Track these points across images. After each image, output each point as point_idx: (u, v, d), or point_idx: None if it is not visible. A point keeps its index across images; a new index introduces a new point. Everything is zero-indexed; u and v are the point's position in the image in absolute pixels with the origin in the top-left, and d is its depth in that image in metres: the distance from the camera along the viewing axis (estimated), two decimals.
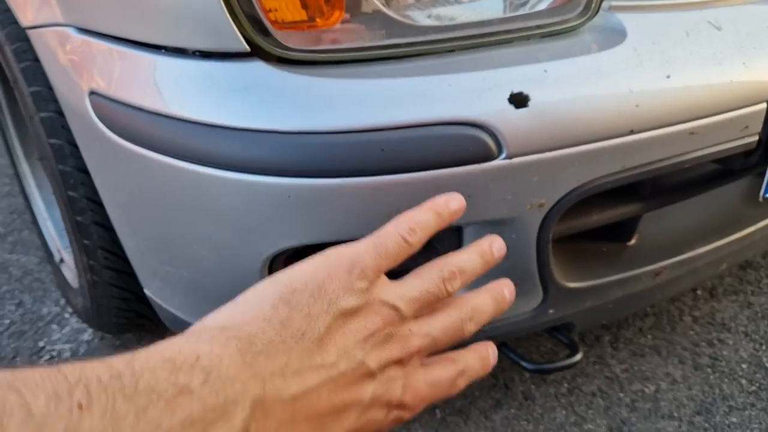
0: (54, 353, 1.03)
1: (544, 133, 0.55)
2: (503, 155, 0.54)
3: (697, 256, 0.77)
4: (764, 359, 0.94)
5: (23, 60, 0.76)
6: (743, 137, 0.65)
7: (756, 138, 0.66)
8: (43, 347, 1.05)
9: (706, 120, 0.61)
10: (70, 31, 0.65)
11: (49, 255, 1.14)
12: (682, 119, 0.60)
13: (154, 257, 0.70)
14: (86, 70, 0.63)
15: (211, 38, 0.55)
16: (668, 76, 0.59)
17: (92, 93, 0.63)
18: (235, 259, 0.60)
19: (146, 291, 0.78)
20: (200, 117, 0.55)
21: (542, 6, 0.60)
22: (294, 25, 0.55)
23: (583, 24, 0.61)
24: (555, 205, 0.59)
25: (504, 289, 0.48)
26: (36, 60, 0.75)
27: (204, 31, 0.55)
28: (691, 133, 0.60)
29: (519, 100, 0.54)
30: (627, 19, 0.62)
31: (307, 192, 0.54)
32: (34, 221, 1.18)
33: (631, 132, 0.57)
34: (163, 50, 0.57)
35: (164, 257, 0.68)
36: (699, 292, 1.07)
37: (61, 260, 1.10)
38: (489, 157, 0.54)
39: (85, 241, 0.81)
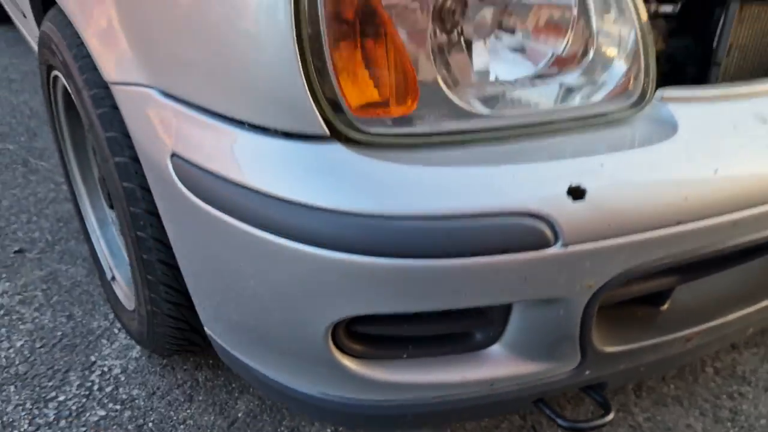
0: (105, 369, 1.09)
1: (598, 224, 0.59)
2: (559, 243, 0.58)
3: (727, 323, 0.81)
4: None
5: (101, 106, 0.81)
6: None
7: None
8: (94, 362, 1.10)
9: (749, 211, 0.65)
10: (155, 94, 0.69)
11: (100, 271, 1.20)
12: (726, 210, 0.64)
13: (221, 306, 0.75)
14: (168, 133, 0.68)
15: (294, 121, 0.59)
16: (716, 171, 0.63)
17: (174, 155, 0.67)
18: (302, 321, 0.65)
19: (207, 330, 0.83)
20: (279, 192, 0.60)
21: (599, 96, 0.64)
22: (370, 111, 0.60)
23: (635, 113, 0.65)
24: (603, 286, 0.63)
25: None
26: (114, 107, 0.80)
27: (288, 114, 0.59)
28: (734, 224, 0.64)
29: (576, 193, 0.58)
30: (678, 110, 0.65)
31: (374, 269, 0.59)
32: (87, 237, 1.23)
33: (678, 223, 0.62)
34: (247, 126, 0.62)
35: (231, 308, 0.73)
36: None
37: (113, 278, 1.15)
38: (546, 245, 0.58)
39: (149, 277, 0.86)
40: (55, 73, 1.04)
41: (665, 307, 0.82)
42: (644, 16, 0.62)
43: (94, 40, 0.78)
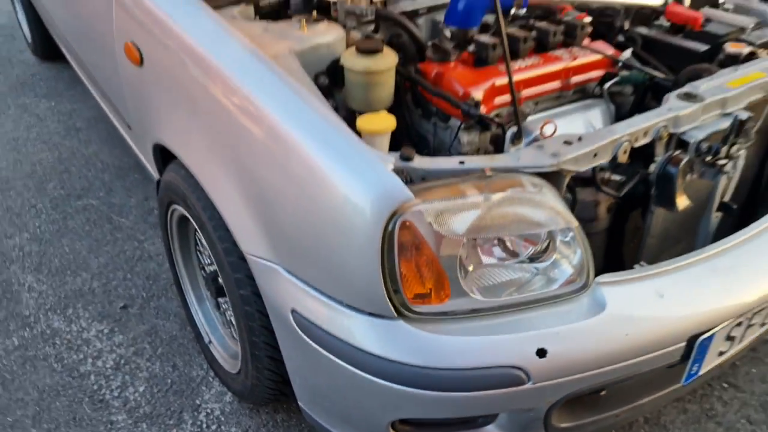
0: (208, 410, 1.51)
1: (554, 370, 1.00)
2: (530, 382, 0.99)
3: (642, 404, 1.23)
4: None
5: (236, 271, 1.20)
6: (673, 357, 1.10)
7: (680, 356, 1.11)
8: (199, 405, 1.52)
9: (646, 356, 1.06)
10: (281, 270, 1.09)
11: (197, 334, 1.61)
12: (632, 357, 1.05)
13: (316, 396, 1.16)
14: (290, 297, 1.08)
15: (375, 307, 0.99)
16: (627, 334, 1.03)
17: (293, 311, 1.08)
18: (374, 418, 1.07)
19: (300, 403, 1.24)
20: (364, 347, 1.00)
21: (556, 285, 1.04)
22: (421, 301, 1.00)
23: (579, 294, 1.05)
24: (557, 401, 1.04)
25: None
26: (248, 273, 1.18)
27: (372, 303, 0.99)
28: (636, 364, 1.05)
29: (541, 353, 0.99)
30: (608, 292, 1.06)
31: (417, 395, 1.00)
32: (185, 306, 1.63)
33: (601, 366, 1.03)
34: (344, 305, 1.02)
35: (325, 400, 1.14)
36: None
37: (210, 342, 1.56)
38: (523, 383, 0.99)
39: (256, 352, 1.26)
40: (175, 207, 1.43)
41: (603, 393, 1.23)
42: (588, 247, 1.02)
43: (232, 214, 1.17)
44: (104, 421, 1.49)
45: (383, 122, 1.12)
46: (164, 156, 1.48)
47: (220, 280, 1.38)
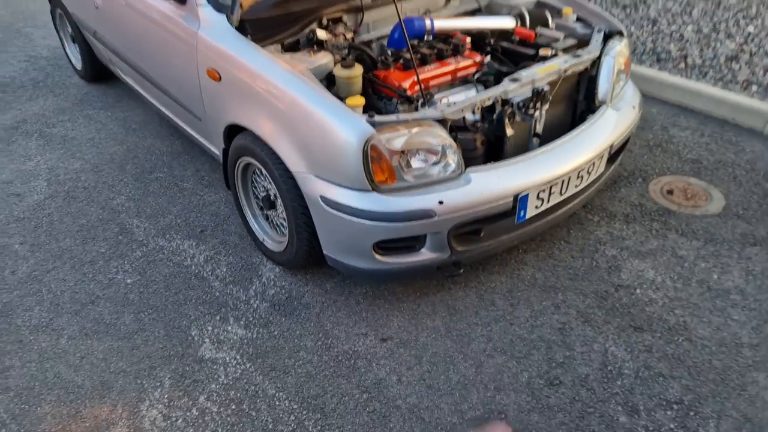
0: (267, 275, 2.60)
1: (447, 210, 2.13)
2: (436, 217, 2.12)
3: (502, 239, 2.37)
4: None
5: (286, 183, 2.31)
6: (507, 206, 2.24)
7: (511, 205, 2.25)
8: (261, 273, 2.61)
9: (495, 203, 2.20)
10: (312, 176, 2.20)
11: (253, 238, 2.70)
12: (488, 202, 2.19)
13: (331, 239, 2.27)
14: (318, 189, 2.19)
15: (362, 186, 2.11)
16: (481, 194, 2.17)
17: (321, 196, 2.19)
18: (362, 243, 2.19)
19: (324, 251, 2.35)
20: (357, 205, 2.12)
21: (447, 173, 2.17)
22: (383, 182, 2.12)
23: (459, 176, 2.18)
24: (452, 227, 2.17)
25: None
26: (294, 183, 2.29)
27: (359, 185, 2.11)
28: (490, 208, 2.20)
29: (440, 202, 2.12)
30: (472, 175, 2.19)
31: (379, 226, 2.12)
32: (245, 222, 2.72)
33: (464, 209, 2.16)
34: (344, 186, 2.14)
35: (336, 239, 2.25)
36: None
37: (263, 240, 2.66)
38: (433, 216, 2.12)
39: (299, 230, 2.36)
40: (244, 160, 2.52)
41: (481, 235, 2.36)
42: (461, 155, 2.16)
43: (284, 153, 2.27)
44: (206, 287, 2.57)
45: (358, 101, 2.23)
46: (230, 133, 2.58)
47: (271, 197, 2.49)
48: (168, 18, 2.73)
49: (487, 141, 2.38)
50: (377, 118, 2.12)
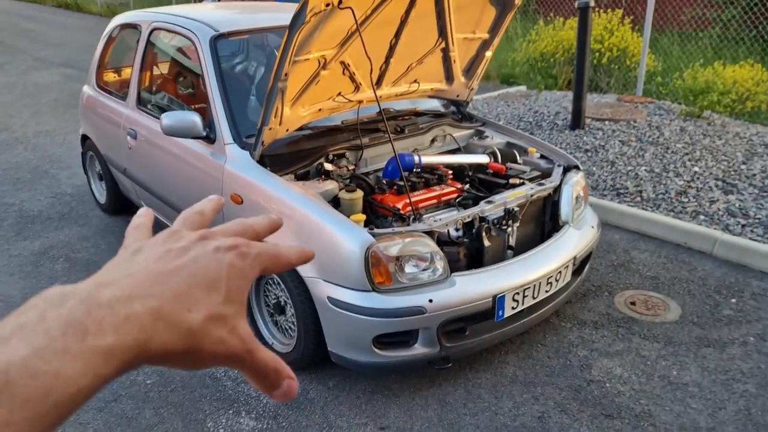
0: None
1: (436, 308, 2.50)
2: (427, 313, 2.48)
3: (483, 337, 2.71)
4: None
5: (298, 289, 2.69)
6: (487, 305, 2.62)
7: (491, 305, 2.63)
8: None
9: (477, 302, 2.57)
10: (320, 280, 2.58)
11: (263, 342, 3.02)
12: (471, 302, 2.56)
13: (335, 337, 2.60)
14: (325, 291, 2.56)
15: (364, 287, 2.49)
16: (465, 295, 2.56)
17: (328, 297, 2.56)
18: (364, 337, 2.52)
19: (329, 348, 2.67)
20: (359, 304, 2.49)
21: (435, 276, 2.57)
22: (381, 284, 2.51)
23: (445, 279, 2.58)
24: (440, 323, 2.53)
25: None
26: (303, 285, 2.67)
27: (361, 285, 2.49)
28: (472, 306, 2.57)
29: (430, 301, 2.49)
30: (457, 279, 2.59)
31: (382, 321, 2.47)
32: (256, 329, 3.05)
33: (456, 306, 2.53)
34: (350, 288, 2.51)
35: (340, 339, 2.59)
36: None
37: (272, 342, 2.97)
38: (424, 313, 2.48)
39: (306, 329, 2.70)
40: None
41: (466, 333, 2.71)
42: (446, 262, 2.58)
43: None
44: (219, 386, 2.83)
45: (360, 217, 2.68)
46: None
47: (282, 303, 2.84)
48: (197, 154, 3.24)
49: (468, 253, 2.80)
50: (376, 230, 2.55)
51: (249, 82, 3.85)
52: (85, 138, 4.73)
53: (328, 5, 2.50)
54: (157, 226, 0.47)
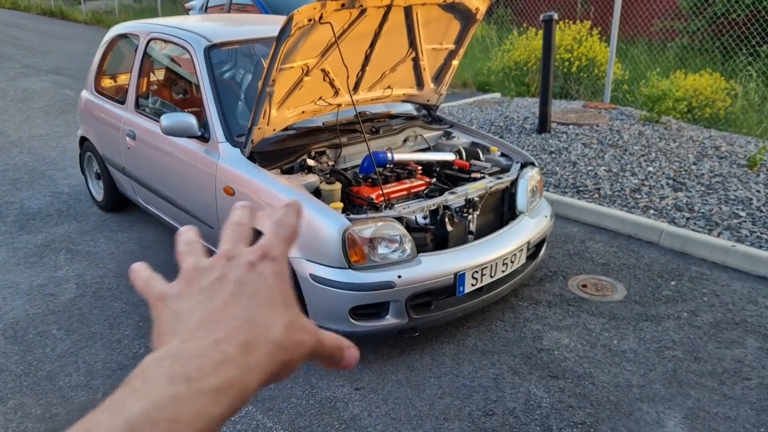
0: None
1: (403, 283, 2.88)
2: (396, 287, 2.86)
3: (447, 311, 3.09)
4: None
5: None
6: (449, 281, 3.00)
7: (452, 281, 3.01)
8: None
9: (439, 279, 2.96)
10: (303, 259, 2.95)
11: None
12: (434, 278, 2.94)
13: (318, 309, 2.97)
14: (308, 269, 2.93)
15: (342, 265, 2.86)
16: (430, 272, 2.94)
17: (311, 274, 2.92)
18: (340, 308, 2.89)
19: (310, 318, 3.03)
20: (337, 279, 2.86)
21: (404, 256, 2.95)
22: (356, 262, 2.88)
23: (412, 259, 2.96)
24: (408, 296, 2.91)
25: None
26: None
27: (339, 263, 2.87)
28: (436, 282, 2.95)
29: (398, 277, 2.87)
30: (423, 258, 2.97)
31: (356, 294, 2.84)
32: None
33: (421, 282, 2.91)
34: (329, 266, 2.89)
35: (321, 311, 2.96)
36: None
37: None
38: (393, 287, 2.86)
39: None
40: None
41: (432, 307, 3.08)
42: (413, 243, 2.96)
43: None
44: None
45: (338, 205, 3.05)
46: None
47: None
48: (191, 152, 3.60)
49: (434, 238, 3.19)
50: (352, 216, 2.93)
51: (237, 88, 4.22)
52: (83, 140, 5.06)
53: (310, 20, 2.88)
54: (159, 224, 0.84)
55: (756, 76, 8.20)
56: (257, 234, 0.49)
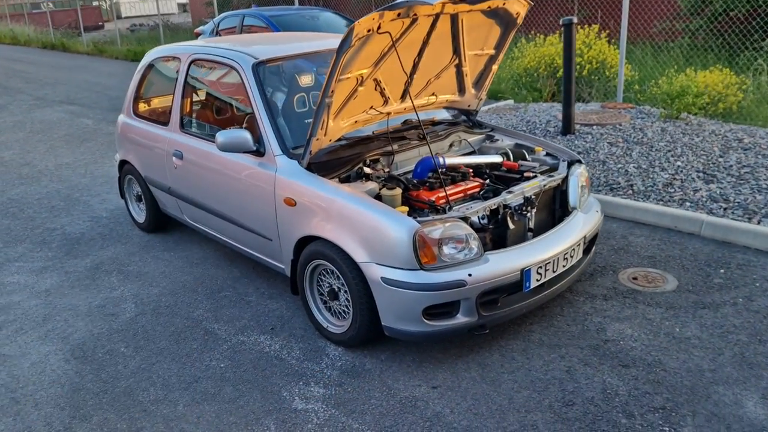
0: (332, 352, 3.29)
1: (474, 281, 2.94)
2: (467, 286, 2.93)
3: (513, 307, 3.15)
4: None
5: (353, 274, 3.11)
6: (517, 278, 3.07)
7: (519, 277, 3.08)
8: (327, 351, 3.30)
9: (509, 275, 3.02)
10: (373, 264, 3.02)
11: (318, 327, 3.42)
12: (503, 275, 3.00)
13: (390, 313, 3.03)
14: (379, 272, 2.99)
15: (413, 266, 2.93)
16: (497, 269, 3.00)
17: (382, 277, 2.98)
18: (415, 309, 2.95)
19: (383, 323, 3.09)
20: (410, 280, 2.92)
21: (471, 255, 3.02)
22: (426, 263, 2.94)
23: (479, 257, 3.02)
24: (478, 294, 2.97)
25: None
26: (360, 274, 3.10)
27: (410, 265, 2.93)
28: (505, 279, 3.01)
29: (469, 276, 2.94)
30: (490, 256, 3.04)
31: (430, 294, 2.90)
32: (310, 315, 3.46)
33: (490, 279, 2.98)
34: (401, 269, 2.95)
35: (396, 314, 3.01)
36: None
37: (327, 326, 3.38)
38: (464, 285, 2.92)
39: (361, 310, 3.12)
40: (313, 263, 3.33)
41: (499, 304, 3.14)
42: (480, 242, 3.03)
43: (351, 250, 3.10)
44: (285, 365, 3.23)
45: (404, 209, 3.12)
46: (300, 245, 3.42)
47: (335, 289, 3.27)
48: (246, 167, 3.68)
49: (492, 237, 3.26)
50: (420, 218, 3.00)
51: (278, 104, 4.30)
52: (123, 163, 5.14)
53: (369, 31, 2.97)
54: (204, 242, 0.91)
55: (767, 69, 8.31)
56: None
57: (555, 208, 3.64)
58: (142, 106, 5.04)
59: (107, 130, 9.13)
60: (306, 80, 4.06)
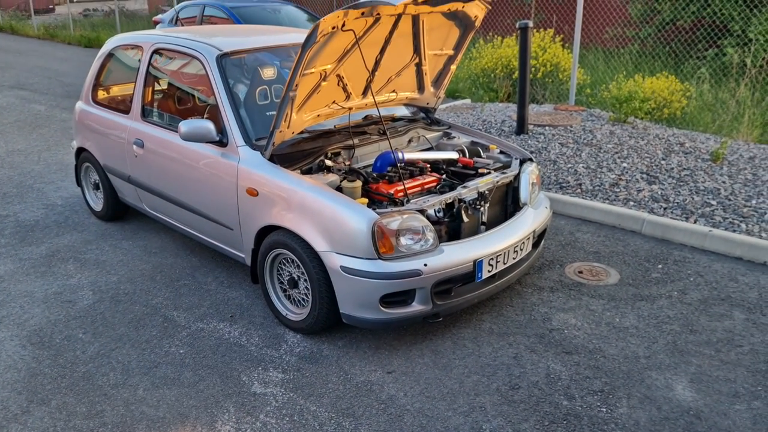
0: (292, 339, 3.39)
1: (428, 271, 3.08)
2: (422, 275, 3.07)
3: (466, 296, 3.31)
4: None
5: (313, 262, 3.22)
6: (469, 268, 3.23)
7: (472, 268, 3.24)
8: (286, 338, 3.40)
9: (460, 267, 3.18)
10: (333, 252, 3.13)
11: (277, 315, 3.52)
12: (456, 266, 3.16)
13: (348, 301, 3.15)
14: (338, 261, 3.11)
15: (371, 256, 3.05)
16: (450, 260, 3.16)
17: (341, 266, 3.10)
18: (372, 296, 3.08)
19: (341, 310, 3.21)
20: (367, 269, 3.04)
21: (427, 246, 3.16)
22: (384, 253, 3.07)
23: (435, 248, 3.17)
24: (433, 284, 3.11)
25: None
26: (320, 261, 3.21)
27: (368, 254, 3.05)
28: (457, 269, 3.17)
29: (424, 265, 3.08)
30: (445, 248, 3.19)
31: (386, 283, 3.04)
32: (270, 303, 3.55)
33: (443, 270, 3.13)
34: (359, 258, 3.07)
35: (353, 302, 3.13)
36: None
37: (286, 314, 3.48)
38: (420, 275, 3.06)
39: (320, 298, 3.23)
40: (274, 252, 3.42)
41: (452, 293, 3.30)
42: (435, 233, 3.17)
43: (312, 239, 3.20)
44: (245, 351, 3.31)
45: (364, 201, 3.24)
46: (261, 234, 3.50)
47: (295, 278, 3.37)
48: (208, 157, 3.74)
49: (447, 230, 3.41)
50: (379, 209, 3.13)
51: (240, 95, 4.36)
52: (80, 150, 5.10)
53: (333, 28, 3.08)
54: (162, 231, 1.03)
55: (709, 78, 8.75)
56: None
57: (507, 203, 3.82)
58: (102, 94, 5.01)
59: (61, 117, 8.95)
60: (269, 73, 4.13)
